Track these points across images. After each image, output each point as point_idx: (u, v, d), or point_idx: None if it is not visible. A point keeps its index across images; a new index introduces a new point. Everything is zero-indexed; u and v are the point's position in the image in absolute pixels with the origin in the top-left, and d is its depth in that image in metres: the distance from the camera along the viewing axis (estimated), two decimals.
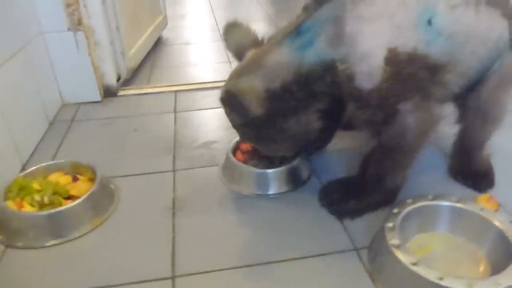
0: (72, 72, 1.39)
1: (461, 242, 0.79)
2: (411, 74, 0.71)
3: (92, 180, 0.96)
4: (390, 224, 0.75)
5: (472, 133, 0.91)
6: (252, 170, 0.96)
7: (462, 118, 0.91)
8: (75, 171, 0.99)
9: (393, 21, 0.70)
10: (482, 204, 0.82)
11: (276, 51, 0.74)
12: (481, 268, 0.74)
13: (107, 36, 1.43)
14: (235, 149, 1.04)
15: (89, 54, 1.38)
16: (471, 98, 0.85)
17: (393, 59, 0.69)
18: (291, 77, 0.72)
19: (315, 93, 0.74)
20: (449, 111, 0.93)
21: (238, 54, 0.83)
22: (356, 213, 0.86)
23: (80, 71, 1.39)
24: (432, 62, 0.72)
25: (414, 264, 0.67)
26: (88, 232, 0.86)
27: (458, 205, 0.79)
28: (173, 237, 0.84)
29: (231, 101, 0.74)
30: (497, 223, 0.74)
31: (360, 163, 0.88)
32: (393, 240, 0.72)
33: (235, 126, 0.83)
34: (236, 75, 0.78)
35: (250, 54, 0.79)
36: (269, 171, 0.95)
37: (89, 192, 0.89)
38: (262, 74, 0.73)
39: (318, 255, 0.79)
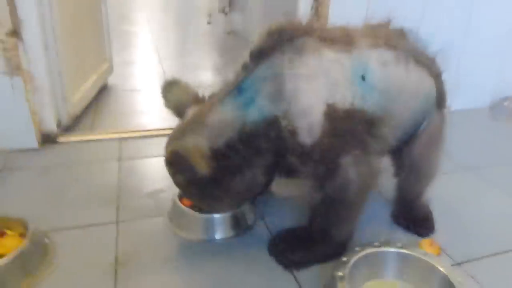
0: (6, 117, 1.30)
1: None
2: (350, 128, 0.74)
3: (23, 235, 0.88)
4: (340, 273, 0.74)
5: (408, 187, 0.96)
6: (198, 216, 0.95)
7: (398, 172, 0.96)
8: (3, 225, 0.90)
9: (329, 78, 0.73)
10: (425, 249, 0.84)
11: (218, 110, 0.74)
12: None
13: (48, 81, 1.37)
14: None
15: (27, 99, 1.31)
16: (405, 155, 0.90)
17: (332, 114, 0.72)
18: (235, 136, 0.72)
19: (260, 149, 0.74)
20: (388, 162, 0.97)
21: (178, 112, 0.82)
22: (301, 265, 0.85)
23: (15, 116, 1.31)
24: (369, 116, 0.76)
25: None
26: None
27: (403, 251, 0.81)
28: None
29: (177, 161, 0.73)
30: (441, 268, 0.76)
31: (308, 215, 0.88)
32: None
33: (179, 186, 0.82)
34: (179, 134, 0.77)
35: (190, 112, 0.79)
36: (215, 216, 0.95)
37: (17, 250, 0.80)
38: (206, 134, 0.73)
39: None
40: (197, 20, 4.71)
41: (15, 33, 1.27)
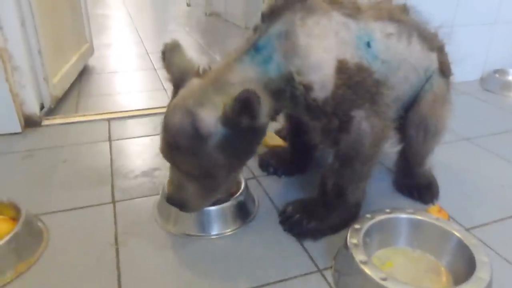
0: None
1: (420, 255, 0.79)
2: (360, 82, 0.74)
3: (15, 219, 0.83)
4: (354, 240, 0.72)
5: (415, 148, 0.94)
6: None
7: (404, 136, 0.94)
8: None
9: (339, 38, 0.74)
10: (435, 215, 0.83)
11: (238, 68, 0.71)
12: (443, 279, 0.74)
13: (27, 60, 1.30)
14: None
15: (6, 80, 1.24)
16: (412, 115, 0.89)
17: (343, 69, 0.73)
18: (261, 90, 0.70)
19: (280, 108, 0.76)
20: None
21: (178, 79, 0.75)
22: (318, 233, 0.84)
23: None
24: (375, 76, 0.77)
25: (384, 279, 0.65)
26: (10, 281, 0.73)
27: (415, 216, 0.79)
28: (119, 275, 0.74)
29: (252, 101, 0.64)
30: (455, 232, 0.75)
31: (319, 182, 0.86)
32: (360, 256, 0.69)
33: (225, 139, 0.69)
34: (201, 94, 0.70)
35: (194, 82, 0.73)
36: (212, 208, 0.85)
37: (11, 234, 0.75)
38: (233, 91, 0.66)
39: (281, 281, 0.73)
40: (175, 3, 4.59)
41: None
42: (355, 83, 0.73)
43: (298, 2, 0.73)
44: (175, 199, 0.76)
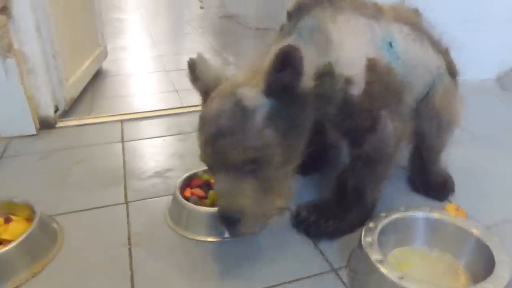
0: (1, 103, 1.25)
1: (437, 254, 0.77)
2: (388, 82, 0.75)
3: (29, 220, 0.83)
4: (368, 239, 0.71)
5: (429, 142, 0.93)
6: (203, 211, 0.84)
7: (418, 130, 0.92)
8: (8, 211, 0.85)
9: (367, 37, 0.75)
10: (452, 213, 0.81)
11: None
12: (462, 279, 0.72)
13: (42, 63, 1.32)
14: (185, 187, 0.93)
15: (22, 83, 1.25)
16: (424, 107, 0.89)
17: (373, 67, 0.73)
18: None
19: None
20: None
21: (207, 90, 0.72)
22: (336, 233, 0.82)
23: (11, 102, 1.26)
24: (399, 78, 0.78)
25: (401, 278, 0.63)
26: (25, 282, 0.73)
27: (433, 215, 0.77)
28: (131, 276, 0.73)
29: (293, 53, 0.61)
30: (474, 231, 0.73)
31: (335, 182, 0.85)
32: (375, 255, 0.67)
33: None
34: (245, 82, 0.67)
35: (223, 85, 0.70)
36: None
37: (25, 234, 0.76)
38: None
39: (296, 280, 0.72)
40: (189, 5, 4.62)
41: (5, 9, 1.21)
42: (385, 83, 0.74)
43: (326, 1, 0.73)
44: (232, 209, 0.65)
